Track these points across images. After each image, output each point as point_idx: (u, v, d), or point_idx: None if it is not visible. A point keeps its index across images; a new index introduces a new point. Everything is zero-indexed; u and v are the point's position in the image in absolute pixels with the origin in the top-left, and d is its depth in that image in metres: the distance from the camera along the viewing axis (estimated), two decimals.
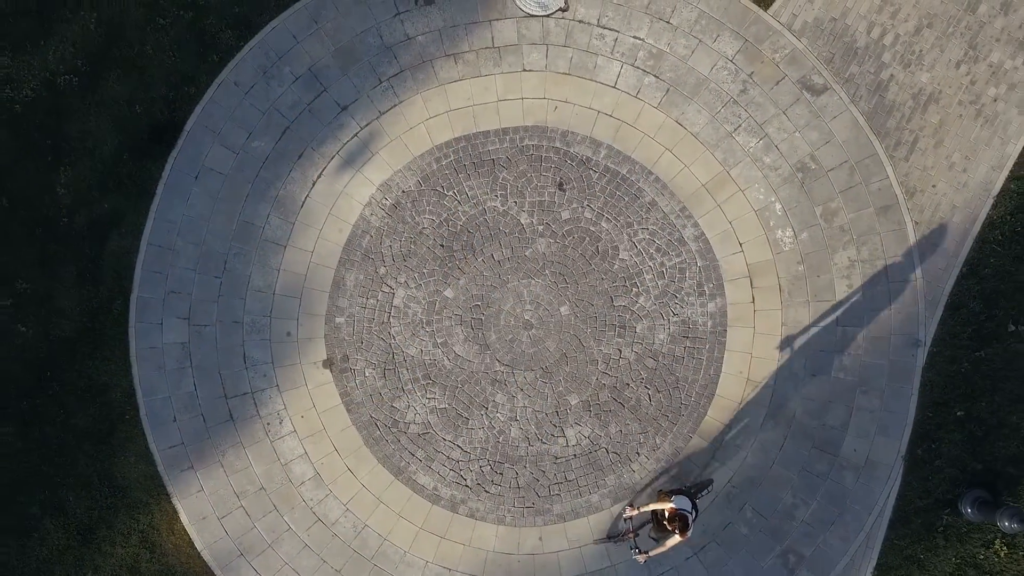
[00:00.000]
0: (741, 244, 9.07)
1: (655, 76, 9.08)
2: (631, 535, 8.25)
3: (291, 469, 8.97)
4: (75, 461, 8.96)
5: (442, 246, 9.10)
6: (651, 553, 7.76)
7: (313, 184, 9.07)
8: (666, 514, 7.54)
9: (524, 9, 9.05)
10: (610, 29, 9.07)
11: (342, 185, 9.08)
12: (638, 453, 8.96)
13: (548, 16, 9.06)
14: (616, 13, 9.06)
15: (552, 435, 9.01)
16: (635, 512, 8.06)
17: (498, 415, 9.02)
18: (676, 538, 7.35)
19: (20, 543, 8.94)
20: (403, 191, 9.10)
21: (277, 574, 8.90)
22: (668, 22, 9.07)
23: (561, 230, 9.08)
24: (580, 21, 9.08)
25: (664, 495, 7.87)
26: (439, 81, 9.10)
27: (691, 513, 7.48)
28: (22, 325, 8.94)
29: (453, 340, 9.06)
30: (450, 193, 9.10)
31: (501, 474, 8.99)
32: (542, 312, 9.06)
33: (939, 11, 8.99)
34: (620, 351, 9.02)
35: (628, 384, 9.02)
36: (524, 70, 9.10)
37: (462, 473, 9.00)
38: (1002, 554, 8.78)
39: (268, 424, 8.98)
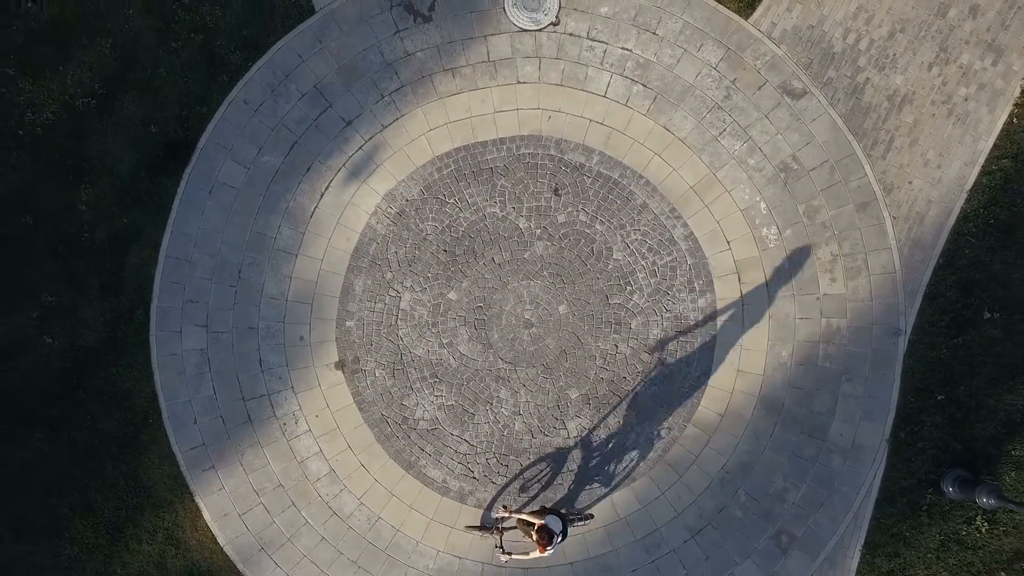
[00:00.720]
0: (728, 242, 9.53)
1: (643, 85, 9.54)
2: (498, 533, 8.48)
3: (307, 466, 9.42)
4: (102, 464, 9.37)
5: (445, 251, 9.56)
6: (514, 556, 8.01)
7: (321, 195, 9.52)
8: (535, 525, 7.70)
9: (517, 24, 9.50)
10: (599, 41, 9.53)
11: (349, 196, 9.54)
12: (636, 443, 9.43)
13: (540, 30, 9.51)
14: (605, 26, 9.51)
15: (554, 428, 9.47)
16: (507, 514, 8.30)
17: (502, 410, 9.48)
18: (536, 552, 7.54)
19: (52, 543, 9.35)
20: (407, 200, 9.56)
21: (296, 566, 9.35)
22: (654, 33, 9.52)
23: (557, 233, 9.54)
24: (571, 34, 9.53)
25: (542, 511, 8.06)
26: (438, 95, 9.55)
27: (558, 535, 7.60)
28: (48, 336, 9.36)
29: (458, 340, 9.52)
30: (451, 201, 9.56)
31: (507, 466, 9.44)
32: (541, 311, 9.52)
33: (911, 16, 9.45)
34: (616, 346, 9.48)
35: (625, 377, 9.48)
36: (519, 82, 9.55)
37: (470, 466, 9.46)
38: (983, 530, 9.20)
39: (284, 424, 9.44)
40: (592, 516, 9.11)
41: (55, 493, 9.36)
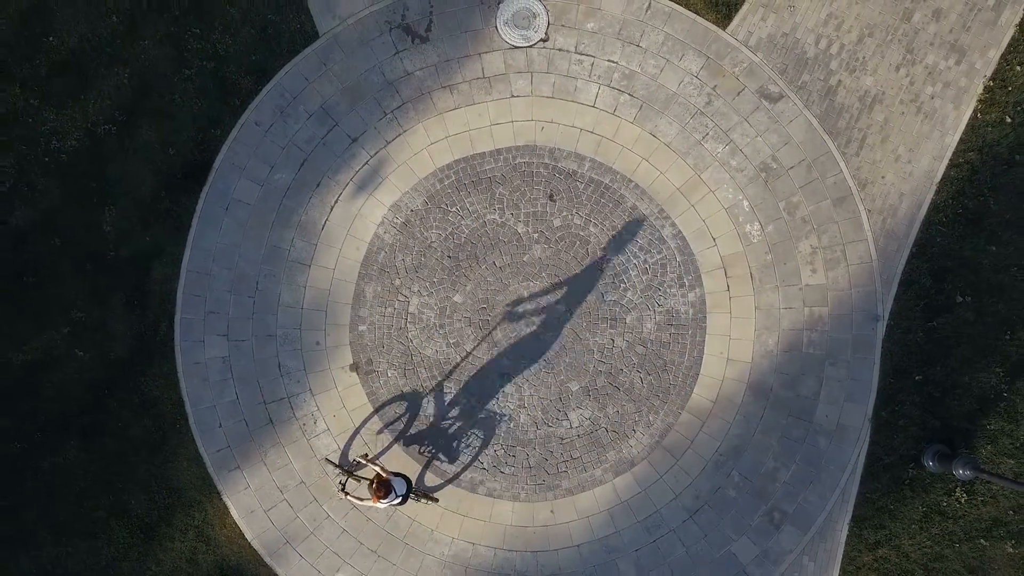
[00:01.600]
0: (714, 239, 10.09)
1: (629, 94, 10.09)
2: (347, 474, 9.19)
3: (327, 463, 9.99)
4: (134, 468, 9.90)
5: (449, 257, 10.11)
6: (350, 497, 8.63)
7: (331, 209, 10.05)
8: (382, 476, 8.22)
9: (509, 41, 10.05)
10: (587, 55, 10.08)
11: (357, 208, 10.08)
12: (634, 430, 10.00)
13: (531, 47, 10.05)
14: (591, 40, 10.06)
15: (557, 419, 10.03)
16: (364, 462, 8.84)
17: (508, 404, 10.03)
18: (371, 501, 8.13)
19: (90, 544, 9.89)
20: (411, 210, 10.12)
21: (320, 557, 9.91)
22: (638, 45, 10.07)
23: (554, 236, 10.09)
24: (560, 49, 10.07)
25: (396, 474, 8.49)
26: (437, 110, 10.08)
27: (397, 496, 8.19)
28: (79, 350, 9.89)
29: (464, 340, 10.08)
30: (453, 209, 10.12)
31: (514, 456, 10.01)
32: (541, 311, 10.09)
33: (878, 21, 10.00)
34: (613, 341, 10.05)
35: (622, 369, 10.04)
36: (513, 96, 10.08)
37: (479, 457, 10.03)
38: (962, 501, 9.71)
39: (304, 425, 10.00)
40: (437, 500, 9.68)
41: (90, 497, 9.90)
